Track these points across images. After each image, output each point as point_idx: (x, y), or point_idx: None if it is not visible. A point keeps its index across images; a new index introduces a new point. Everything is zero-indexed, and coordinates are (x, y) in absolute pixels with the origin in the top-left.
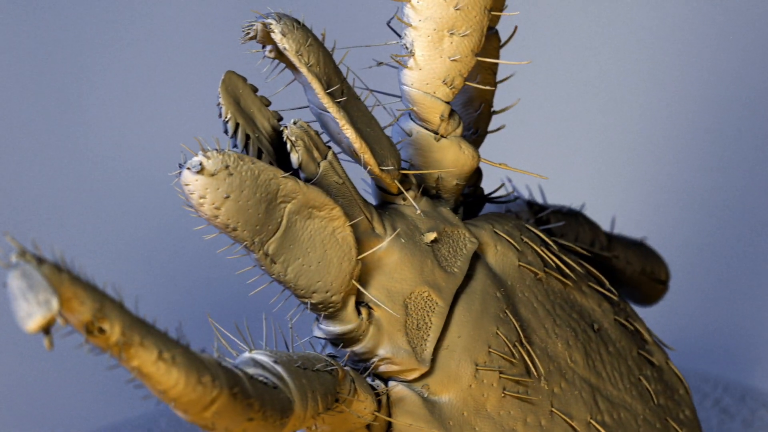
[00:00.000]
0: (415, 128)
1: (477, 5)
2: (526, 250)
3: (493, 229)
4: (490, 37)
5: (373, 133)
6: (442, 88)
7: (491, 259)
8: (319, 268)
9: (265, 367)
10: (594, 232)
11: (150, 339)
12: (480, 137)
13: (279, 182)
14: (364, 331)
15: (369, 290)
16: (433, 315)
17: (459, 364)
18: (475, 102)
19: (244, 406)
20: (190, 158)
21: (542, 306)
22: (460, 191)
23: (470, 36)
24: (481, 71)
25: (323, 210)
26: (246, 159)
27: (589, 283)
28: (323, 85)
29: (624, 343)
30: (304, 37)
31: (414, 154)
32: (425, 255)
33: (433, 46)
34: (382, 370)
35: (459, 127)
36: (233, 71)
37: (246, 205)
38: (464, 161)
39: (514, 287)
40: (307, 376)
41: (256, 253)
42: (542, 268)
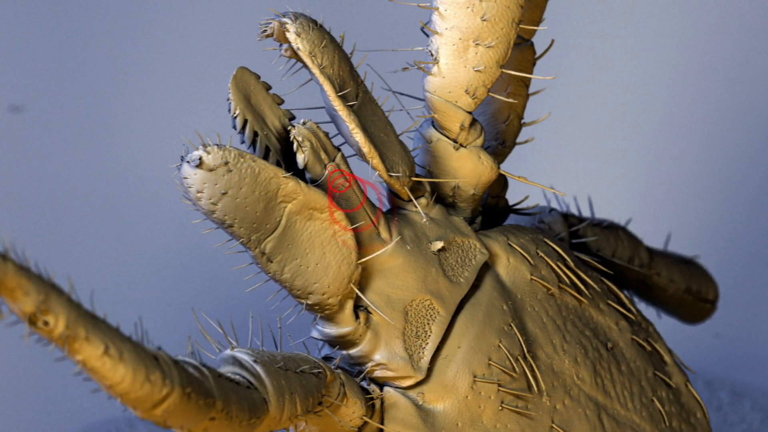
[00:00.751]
0: (435, 135)
1: (504, 18)
2: (540, 265)
3: (507, 242)
4: (525, 49)
5: (387, 139)
6: (465, 98)
7: (502, 271)
8: (316, 269)
9: (244, 366)
10: (634, 248)
11: (96, 334)
12: (507, 149)
13: (279, 182)
14: (361, 335)
15: (369, 294)
16: (433, 324)
17: (456, 374)
18: (503, 113)
19: (202, 405)
20: (191, 152)
21: (552, 321)
22: (478, 201)
23: (496, 48)
24: (511, 83)
25: (325, 212)
26: (246, 156)
27: (608, 300)
28: (335, 88)
29: (639, 362)
30: (320, 38)
31: (432, 161)
32: (430, 263)
33: (457, 55)
34: (377, 375)
35: (480, 138)
36: (246, 68)
37: (244, 203)
38: (482, 172)
39: (524, 301)
40: (287, 377)
41: (252, 250)
42: (556, 284)
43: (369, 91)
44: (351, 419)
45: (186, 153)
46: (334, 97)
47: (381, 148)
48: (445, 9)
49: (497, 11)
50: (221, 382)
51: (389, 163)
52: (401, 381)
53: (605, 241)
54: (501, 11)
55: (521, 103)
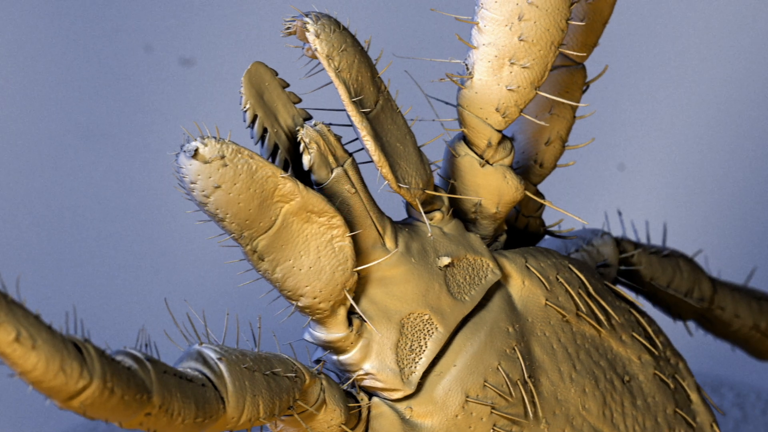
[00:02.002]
0: (463, 150)
1: (543, 40)
2: (558, 291)
3: (525, 264)
4: (575, 72)
5: (403, 149)
6: (495, 116)
7: (515, 293)
8: (309, 273)
9: (207, 362)
10: (694, 280)
11: (9, 320)
12: (545, 170)
13: (277, 181)
14: (352, 342)
15: (365, 302)
16: (429, 339)
17: (448, 392)
18: (545, 133)
19: (131, 400)
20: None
21: (563, 348)
22: (502, 220)
23: (531, 69)
24: (556, 104)
25: (323, 216)
26: (244, 152)
27: (633, 333)
28: (349, 92)
29: (658, 398)
30: (340, 41)
31: (457, 175)
32: (434, 278)
33: (492, 72)
34: (365, 385)
35: (508, 157)
36: (262, 63)
37: (237, 198)
38: (506, 191)
39: (534, 325)
40: (253, 378)
41: (243, 246)
42: (574, 311)
43: (392, 100)
44: (329, 426)
45: (185, 142)
46: (347, 102)
47: (394, 158)
48: (485, 25)
49: (536, 33)
50: (165, 378)
51: (401, 173)
52: (390, 393)
53: (660, 271)
54: (540, 33)
55: (565, 125)
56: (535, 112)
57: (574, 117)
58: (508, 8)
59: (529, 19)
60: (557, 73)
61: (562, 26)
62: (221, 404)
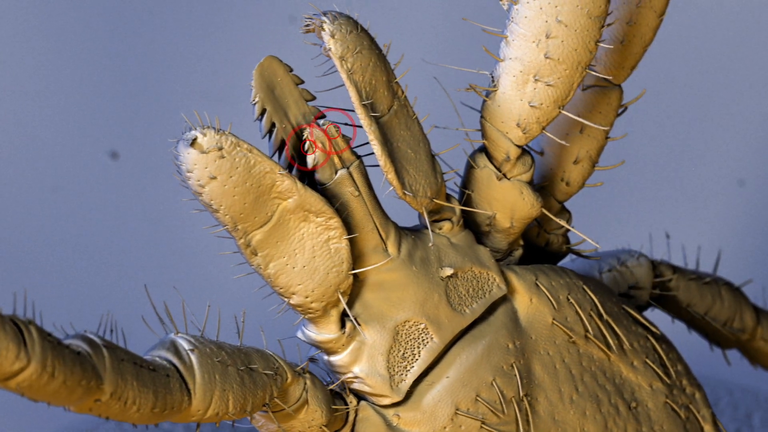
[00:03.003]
0: (483, 162)
1: (569, 59)
2: (567, 311)
3: (535, 281)
4: (611, 93)
5: (414, 156)
6: (515, 131)
7: (521, 309)
8: (302, 271)
9: (178, 353)
10: (735, 309)
11: None
12: (572, 189)
13: (275, 178)
14: (344, 344)
15: (361, 307)
16: (423, 349)
17: (438, 403)
18: (573, 152)
19: (76, 385)
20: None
21: (566, 369)
22: (516, 235)
23: (555, 87)
24: (587, 125)
25: (321, 216)
26: (243, 146)
27: (647, 359)
28: (360, 95)
29: (667, 427)
30: (356, 43)
31: (474, 186)
32: (434, 288)
33: (515, 86)
34: (355, 388)
35: (527, 173)
36: (276, 58)
37: (232, 191)
38: (521, 207)
39: (537, 343)
40: (225, 373)
41: (236, 239)
42: (582, 333)
43: (408, 106)
44: (309, 426)
45: (186, 131)
46: (357, 105)
47: (403, 164)
48: (513, 39)
49: (562, 51)
50: (122, 366)
51: (408, 180)
52: (378, 398)
53: (699, 298)
54: (566, 52)
55: (595, 146)
56: (565, 129)
57: (606, 138)
58: (537, 24)
59: (556, 37)
60: (591, 92)
61: (590, 48)
62: (186, 396)
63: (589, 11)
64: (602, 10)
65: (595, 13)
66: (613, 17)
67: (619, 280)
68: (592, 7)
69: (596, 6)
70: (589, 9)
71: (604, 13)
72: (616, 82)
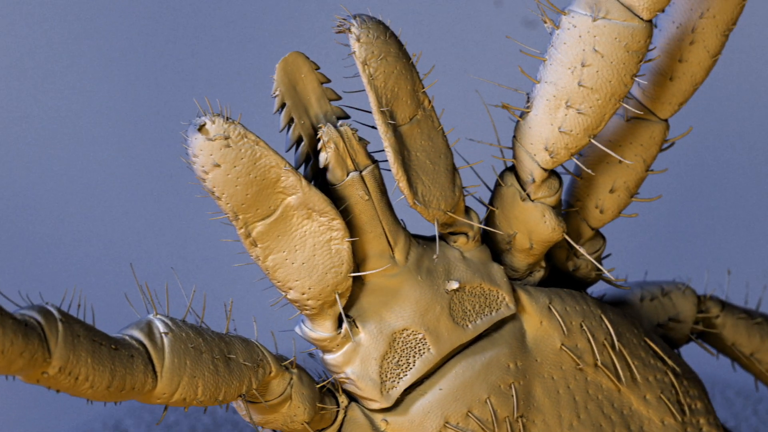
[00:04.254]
0: (510, 180)
1: (602, 89)
2: (578, 337)
3: (549, 304)
4: (655, 127)
5: (433, 168)
6: (543, 154)
7: (530, 331)
8: (301, 268)
9: (152, 334)
10: None
11: None
12: (606, 216)
13: (280, 173)
14: (338, 345)
15: (360, 309)
16: (419, 358)
17: (427, 414)
18: (608, 181)
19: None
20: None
21: (570, 395)
22: (536, 256)
23: (586, 116)
24: (627, 154)
25: (324, 216)
26: (250, 137)
27: (662, 395)
28: (379, 101)
29: None
30: (381, 48)
31: (499, 203)
32: (437, 299)
33: (548, 110)
34: (347, 388)
35: (552, 197)
36: (302, 54)
37: (235, 181)
38: (542, 230)
39: (542, 366)
40: (198, 359)
41: (237, 228)
42: (592, 362)
43: (434, 117)
44: (291, 422)
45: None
46: (375, 110)
47: (418, 173)
48: (550, 63)
49: (596, 81)
50: (77, 342)
51: (422, 190)
52: (367, 402)
53: (746, 337)
54: (600, 82)
55: (633, 177)
56: (604, 157)
57: (646, 171)
58: (574, 52)
59: (592, 66)
60: (633, 123)
61: (625, 81)
62: (151, 378)
63: (627, 45)
64: (641, 45)
65: (633, 47)
66: (658, 51)
67: (659, 311)
68: (631, 41)
69: (635, 40)
70: (627, 42)
71: (643, 48)
72: (661, 117)
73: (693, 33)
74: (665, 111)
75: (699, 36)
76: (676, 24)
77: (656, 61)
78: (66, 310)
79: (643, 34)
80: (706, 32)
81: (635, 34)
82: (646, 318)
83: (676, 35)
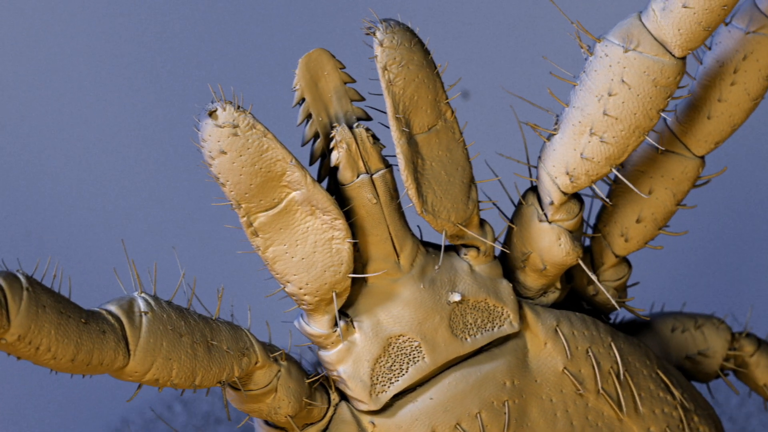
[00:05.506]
0: (531, 200)
1: (626, 121)
2: (582, 363)
3: (556, 326)
4: (688, 162)
5: (447, 179)
6: (563, 178)
7: (533, 351)
8: (300, 263)
9: (131, 311)
10: None
11: None
12: (630, 246)
13: (286, 167)
14: (333, 343)
15: (359, 310)
16: (412, 366)
17: (415, 421)
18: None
19: None
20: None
21: (568, 419)
22: (551, 278)
23: (608, 145)
24: (656, 186)
25: (327, 215)
26: (259, 128)
27: (667, 428)
28: (395, 107)
29: None
30: (404, 56)
31: (518, 221)
32: (437, 310)
33: (572, 135)
34: (339, 386)
35: (570, 221)
36: (327, 51)
37: (240, 170)
38: (556, 253)
39: (541, 387)
40: (177, 342)
41: (240, 216)
42: (594, 388)
43: (456, 129)
44: (275, 413)
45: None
46: (390, 115)
47: (430, 182)
48: (580, 88)
49: (621, 112)
50: (42, 313)
51: (432, 200)
52: (357, 402)
53: None
54: (625, 114)
55: (661, 210)
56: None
57: (677, 205)
58: (603, 80)
59: (618, 96)
60: (667, 156)
61: (650, 115)
62: (123, 355)
63: (656, 79)
64: (669, 82)
65: (661, 82)
66: (698, 86)
67: (689, 343)
68: (660, 76)
69: (664, 76)
70: (656, 77)
71: (672, 85)
72: (696, 154)
73: (735, 74)
74: (701, 148)
75: (741, 77)
76: (719, 63)
77: (695, 96)
78: (53, 284)
79: (673, 71)
80: (749, 75)
81: (665, 69)
82: (675, 349)
83: (718, 73)
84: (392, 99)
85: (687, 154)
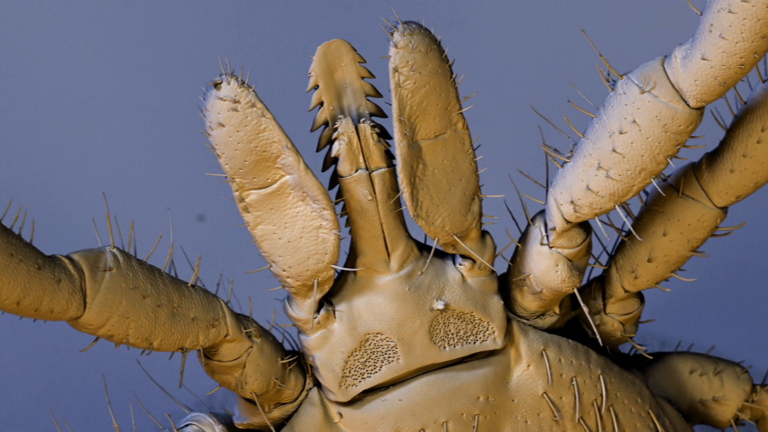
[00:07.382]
0: (538, 221)
1: (633, 161)
2: (563, 391)
3: (543, 350)
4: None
5: (448, 188)
6: (568, 206)
7: (515, 371)
8: (285, 246)
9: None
10: None
11: None
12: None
13: (281, 150)
14: (312, 328)
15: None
16: (386, 365)
17: (381, 419)
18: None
19: None
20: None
21: None
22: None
23: (614, 181)
24: (670, 229)
25: (317, 203)
26: (259, 107)
27: None
28: (401, 110)
29: None
30: (418, 61)
31: (524, 240)
32: (418, 314)
33: (582, 165)
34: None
35: (571, 250)
36: (347, 43)
37: (235, 145)
38: (552, 280)
39: (517, 408)
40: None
41: (233, 189)
42: (572, 416)
43: (466, 140)
44: (241, 388)
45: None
46: (394, 117)
47: (429, 189)
48: (596, 121)
49: (629, 151)
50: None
51: (427, 206)
52: (327, 392)
53: None
54: (633, 154)
55: (674, 252)
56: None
57: (691, 251)
58: (617, 117)
59: (628, 135)
60: (687, 201)
61: (658, 159)
62: (77, 306)
63: (666, 125)
64: (681, 130)
65: (671, 129)
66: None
67: (705, 387)
68: (671, 123)
69: (675, 123)
70: (667, 123)
71: (683, 134)
72: (716, 204)
73: (762, 132)
74: (721, 199)
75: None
76: (749, 118)
77: (723, 146)
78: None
79: (686, 120)
80: None
81: (677, 117)
82: (690, 391)
83: (746, 129)
84: (398, 101)
85: (707, 203)
